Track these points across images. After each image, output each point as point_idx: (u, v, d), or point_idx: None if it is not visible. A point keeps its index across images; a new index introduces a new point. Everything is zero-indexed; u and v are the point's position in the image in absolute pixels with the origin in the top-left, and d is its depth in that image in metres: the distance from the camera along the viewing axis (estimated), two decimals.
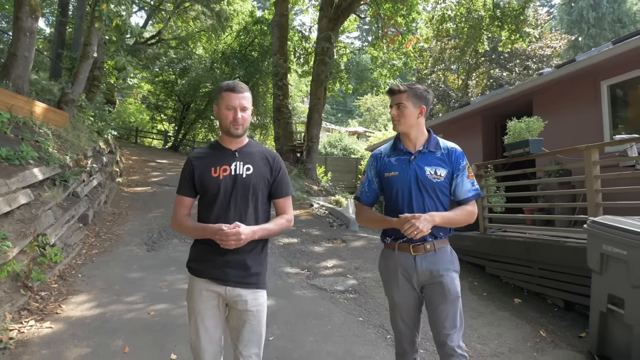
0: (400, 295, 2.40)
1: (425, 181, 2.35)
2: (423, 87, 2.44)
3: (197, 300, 2.22)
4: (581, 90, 7.62)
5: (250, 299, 2.21)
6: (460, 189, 2.41)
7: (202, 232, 2.17)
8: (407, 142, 2.46)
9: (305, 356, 3.62)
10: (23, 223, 5.30)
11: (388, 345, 3.92)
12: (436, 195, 2.37)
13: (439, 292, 2.33)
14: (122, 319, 4.20)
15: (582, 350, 3.93)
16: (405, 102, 2.37)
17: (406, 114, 2.38)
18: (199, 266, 2.25)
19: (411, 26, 21.13)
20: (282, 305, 4.73)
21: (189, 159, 2.33)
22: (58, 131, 9.13)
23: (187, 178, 2.29)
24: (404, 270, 2.38)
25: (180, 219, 2.29)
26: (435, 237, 2.37)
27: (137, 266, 6.03)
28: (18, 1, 9.29)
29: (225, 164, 2.26)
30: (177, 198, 2.33)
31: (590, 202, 4.80)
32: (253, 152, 2.34)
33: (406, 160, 2.41)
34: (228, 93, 2.24)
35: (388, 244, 2.47)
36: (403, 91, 2.39)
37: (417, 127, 2.42)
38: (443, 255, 2.38)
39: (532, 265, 5.36)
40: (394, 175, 2.41)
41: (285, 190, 2.38)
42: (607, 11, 31.43)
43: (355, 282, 5.77)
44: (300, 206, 11.79)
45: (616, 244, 3.46)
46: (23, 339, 3.69)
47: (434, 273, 2.34)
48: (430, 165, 2.38)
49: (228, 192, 2.22)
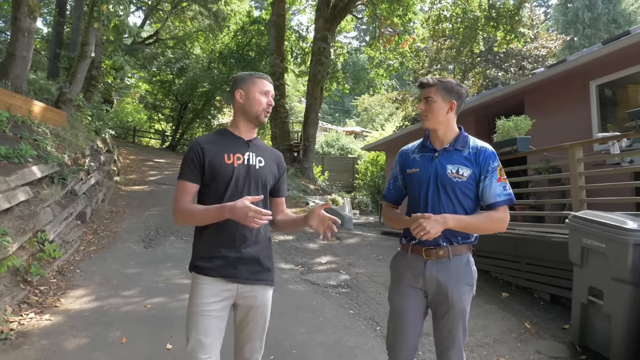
0: (401, 299, 2.29)
1: (444, 180, 2.20)
2: (455, 80, 2.31)
3: (206, 297, 2.08)
4: (571, 89, 7.77)
5: (259, 295, 2.17)
6: (488, 191, 2.20)
7: (218, 213, 2.01)
8: (435, 138, 2.32)
9: (296, 346, 3.74)
10: (22, 220, 5.40)
11: (377, 336, 4.05)
12: (455, 196, 2.21)
13: (443, 304, 2.20)
14: (120, 312, 4.32)
15: (564, 341, 4.07)
16: (434, 96, 2.23)
17: (434, 109, 2.24)
18: (209, 264, 2.11)
19: (407, 26, 21.32)
20: (275, 298, 4.76)
21: (197, 143, 2.18)
22: (56, 130, 9.23)
23: (195, 163, 2.13)
24: (411, 273, 2.26)
25: (185, 205, 2.09)
26: (450, 242, 2.22)
27: (134, 262, 6.15)
28: (16, 2, 9.40)
29: (239, 153, 2.18)
30: (179, 184, 2.14)
31: (574, 198, 4.94)
32: (263, 147, 2.31)
33: (429, 157, 2.29)
34: (261, 79, 2.22)
35: (403, 245, 2.36)
36: (432, 84, 2.25)
37: (446, 123, 2.27)
38: (457, 265, 2.22)
39: (520, 261, 5.50)
40: (414, 172, 2.30)
41: (285, 189, 2.40)
42: (602, 12, 31.66)
43: (348, 277, 5.90)
44: (296, 204, 11.92)
45: (595, 238, 3.59)
46: (23, 330, 3.80)
47: (441, 284, 2.19)
48: (453, 163, 2.22)
49: (241, 181, 2.14)
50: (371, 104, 39.96)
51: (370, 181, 22.24)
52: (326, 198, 14.50)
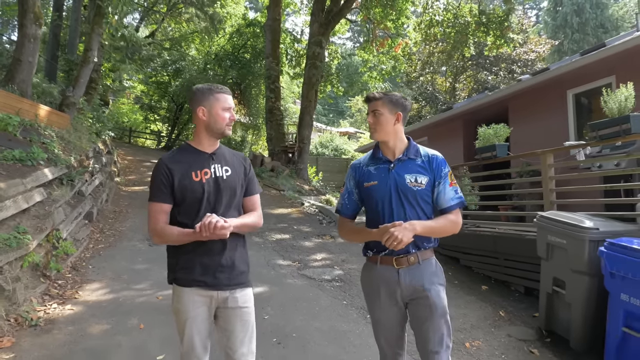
0: (382, 312, 2.32)
1: (405, 189, 2.27)
2: (400, 94, 2.40)
3: (190, 307, 2.18)
4: (550, 97, 8.28)
5: (240, 296, 2.25)
6: (442, 196, 2.31)
7: (193, 236, 2.08)
8: (386, 150, 2.38)
9: (295, 330, 4.21)
10: (38, 219, 5.80)
11: (367, 323, 4.51)
12: (418, 204, 2.28)
13: (425, 307, 2.24)
14: (134, 303, 4.76)
15: (533, 327, 4.58)
16: (380, 109, 2.31)
17: (382, 121, 2.31)
18: (188, 275, 2.18)
19: (400, 30, 21.81)
20: (275, 291, 5.32)
21: (162, 163, 2.22)
22: (61, 133, 9.61)
23: (165, 184, 2.17)
24: (386, 285, 2.29)
25: (162, 227, 2.14)
26: (418, 247, 2.28)
27: (142, 259, 6.57)
28: (23, 9, 9.77)
29: (205, 167, 2.23)
30: (152, 206, 2.18)
31: (545, 199, 5.44)
32: (226, 154, 2.35)
33: (385, 169, 2.34)
34: (222, 94, 2.25)
35: (370, 257, 2.39)
36: (378, 98, 2.34)
37: (395, 134, 2.35)
38: (428, 268, 2.30)
39: (499, 256, 5.99)
40: (373, 184, 2.33)
41: (254, 188, 2.41)
42: (590, 17, 32.32)
43: (342, 272, 6.37)
44: (291, 205, 12.36)
45: (558, 235, 4.09)
46: (50, 318, 4.24)
47: (417, 288, 2.25)
48: (410, 172, 2.30)
49: (212, 195, 2.20)
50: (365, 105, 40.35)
51: None
52: (320, 198, 14.95)
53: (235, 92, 25.46)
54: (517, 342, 4.25)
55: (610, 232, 3.84)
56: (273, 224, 9.51)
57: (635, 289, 3.29)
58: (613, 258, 3.44)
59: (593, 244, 3.78)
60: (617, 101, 4.66)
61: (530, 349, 4.11)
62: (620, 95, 4.65)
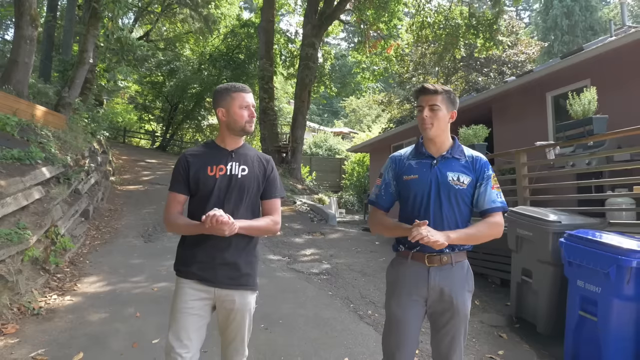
0: (400, 309, 2.26)
1: (446, 187, 2.22)
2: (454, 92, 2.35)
3: (184, 299, 2.22)
4: (531, 99, 8.60)
5: (237, 300, 2.24)
6: (483, 198, 2.24)
7: (198, 228, 2.14)
8: (431, 146, 2.32)
9: (283, 317, 4.50)
10: (37, 215, 6.05)
11: (350, 311, 4.82)
12: (457, 203, 2.23)
13: (448, 311, 2.21)
14: (131, 294, 5.03)
15: (505, 314, 4.90)
16: (440, 104, 2.24)
17: (440, 117, 2.24)
18: (188, 268, 2.24)
19: (393, 32, 22.15)
20: (264, 283, 5.60)
21: (184, 155, 2.32)
22: (57, 133, 9.83)
23: (182, 175, 2.27)
24: (413, 282, 2.24)
25: (173, 216, 2.24)
26: (453, 249, 2.22)
27: (137, 254, 6.84)
28: (19, 11, 9.99)
29: (222, 164, 2.27)
30: (169, 195, 2.29)
31: (519, 196, 5.75)
32: (248, 154, 2.36)
33: (428, 164, 2.28)
34: (239, 93, 2.28)
35: (401, 252, 2.33)
36: (439, 92, 2.25)
37: (447, 131, 2.31)
38: (459, 272, 2.25)
39: (478, 251, 6.29)
40: (413, 178, 2.27)
41: (273, 192, 2.39)
42: (580, 19, 32.80)
43: (329, 266, 6.67)
44: (284, 203, 12.63)
45: (526, 228, 4.40)
46: (51, 308, 4.50)
47: (445, 292, 2.20)
48: (453, 171, 2.24)
49: (222, 192, 2.23)
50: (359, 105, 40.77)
51: (357, 181, 23.04)
52: (313, 197, 15.24)
53: None
54: (489, 327, 4.56)
55: (571, 225, 4.15)
56: None
57: (589, 276, 3.60)
58: (571, 248, 3.75)
59: (556, 235, 4.09)
60: (581, 104, 4.99)
61: (500, 333, 4.43)
62: (584, 99, 4.98)
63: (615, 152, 5.38)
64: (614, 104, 6.64)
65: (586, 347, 3.72)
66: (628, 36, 6.52)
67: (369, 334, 4.23)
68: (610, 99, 6.70)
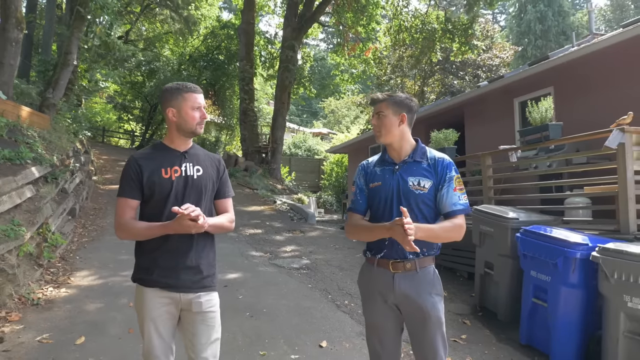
0: (377, 315, 2.29)
1: (407, 193, 2.23)
2: (405, 94, 2.36)
3: (150, 308, 2.17)
4: (500, 104, 9.14)
5: (204, 301, 2.22)
6: (444, 201, 2.23)
7: (162, 229, 2.10)
8: (392, 152, 2.35)
9: (266, 307, 4.89)
10: (30, 213, 6.30)
11: (328, 301, 5.23)
12: (418, 208, 2.23)
13: (419, 318, 2.20)
14: (122, 286, 5.34)
15: (470, 304, 5.39)
16: (384, 111, 2.28)
17: (386, 123, 2.28)
18: (150, 276, 2.17)
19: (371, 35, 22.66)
20: (248, 277, 5.97)
21: (133, 159, 2.23)
22: (42, 133, 9.99)
23: (134, 179, 2.18)
24: (381, 289, 2.26)
25: (129, 222, 2.14)
26: (417, 254, 2.19)
27: (125, 251, 7.10)
28: (5, 14, 10.14)
29: (176, 165, 2.23)
30: (120, 201, 2.18)
31: (485, 195, 6.24)
32: (200, 154, 2.34)
33: (390, 171, 2.31)
34: (191, 94, 2.22)
35: (368, 259, 2.37)
36: (382, 100, 2.31)
37: (400, 136, 2.31)
38: (424, 277, 2.23)
39: (447, 246, 6.76)
40: (377, 185, 2.32)
41: (227, 191, 2.41)
42: (553, 24, 33.87)
43: (309, 262, 7.07)
44: (264, 203, 13.00)
45: (488, 224, 4.88)
46: (48, 299, 4.80)
47: (410, 298, 2.19)
48: (414, 175, 2.26)
49: (180, 193, 2.19)
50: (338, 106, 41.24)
51: (335, 182, 23.48)
52: (293, 197, 15.61)
53: (209, 92, 25.87)
54: (454, 315, 5.02)
55: (527, 222, 4.64)
56: (247, 220, 10.14)
57: (541, 267, 4.08)
58: (525, 242, 4.23)
59: (514, 231, 4.58)
60: (539, 112, 5.49)
61: (464, 320, 4.89)
62: (542, 107, 5.48)
63: (573, 155, 5.90)
64: (575, 110, 7.21)
65: (538, 330, 4.21)
66: (587, 47, 7.05)
67: (345, 320, 4.65)
68: (571, 105, 7.27)
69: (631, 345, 3.43)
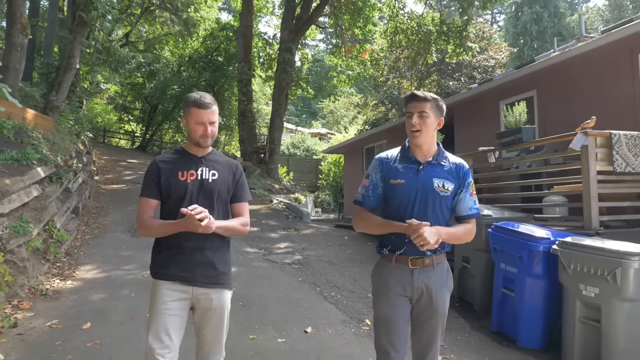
0: (389, 308, 2.34)
1: (432, 193, 2.29)
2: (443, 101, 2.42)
3: (161, 301, 2.27)
4: (488, 107, 9.48)
5: (215, 298, 2.32)
6: (462, 205, 2.36)
7: (174, 227, 2.23)
8: (418, 152, 2.37)
9: (258, 297, 5.27)
10: (37, 211, 6.67)
11: (316, 293, 5.61)
12: (440, 209, 2.32)
13: (428, 309, 2.32)
14: (124, 279, 5.72)
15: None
16: (428, 112, 2.29)
17: (428, 124, 2.29)
18: (166, 269, 2.31)
19: (368, 37, 23.02)
20: (242, 271, 6.34)
21: (154, 162, 2.40)
22: (46, 135, 10.36)
23: (154, 180, 2.34)
24: (398, 283, 2.33)
25: (148, 220, 2.30)
26: (434, 251, 2.31)
27: (126, 247, 7.49)
28: (11, 20, 10.52)
29: (192, 169, 2.36)
30: (141, 201, 2.35)
31: None
32: (217, 160, 2.47)
33: (414, 170, 2.34)
34: (196, 109, 2.31)
35: (385, 255, 2.41)
36: (428, 100, 2.31)
37: (433, 137, 2.36)
38: (440, 272, 2.36)
39: None
40: (399, 183, 2.32)
41: (243, 195, 2.50)
42: (548, 25, 34.22)
43: (301, 257, 7.44)
44: (261, 202, 13.37)
45: None
46: (56, 290, 5.18)
47: (427, 292, 2.31)
48: (438, 177, 2.32)
49: (194, 196, 2.30)
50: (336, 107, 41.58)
51: (333, 181, 23.83)
52: (290, 197, 15.99)
53: (208, 93, 26.16)
54: None
55: (500, 218, 5.01)
56: None
57: (509, 259, 4.45)
58: (495, 237, 4.60)
59: (487, 227, 4.93)
60: (514, 116, 5.85)
61: None
62: (516, 112, 5.84)
63: (549, 155, 6.26)
64: (556, 112, 7.55)
65: (507, 318, 4.57)
66: (567, 52, 7.37)
67: (331, 310, 5.02)
68: (553, 107, 7.61)
69: (586, 330, 3.79)
